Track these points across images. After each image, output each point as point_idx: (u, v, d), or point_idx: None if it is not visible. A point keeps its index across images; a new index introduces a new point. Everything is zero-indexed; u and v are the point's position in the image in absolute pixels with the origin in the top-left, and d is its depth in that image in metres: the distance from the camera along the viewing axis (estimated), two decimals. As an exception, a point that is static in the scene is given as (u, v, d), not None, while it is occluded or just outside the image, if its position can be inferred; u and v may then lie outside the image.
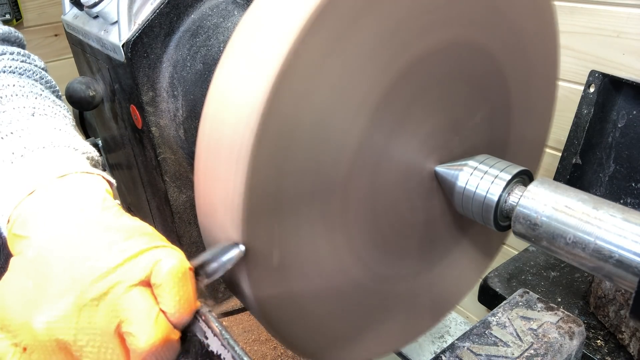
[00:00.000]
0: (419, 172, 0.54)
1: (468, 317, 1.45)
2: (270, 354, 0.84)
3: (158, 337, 0.34)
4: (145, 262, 0.35)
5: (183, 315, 0.36)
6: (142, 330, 0.34)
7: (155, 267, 0.35)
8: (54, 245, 0.35)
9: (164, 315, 0.35)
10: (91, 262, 0.34)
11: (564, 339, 0.54)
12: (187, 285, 0.36)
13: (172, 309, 0.35)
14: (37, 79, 0.58)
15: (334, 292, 0.52)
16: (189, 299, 0.36)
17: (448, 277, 0.66)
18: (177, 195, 0.77)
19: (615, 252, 0.42)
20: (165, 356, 0.36)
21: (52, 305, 0.33)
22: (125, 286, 0.34)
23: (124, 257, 0.35)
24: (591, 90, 0.92)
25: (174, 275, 0.35)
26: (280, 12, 0.40)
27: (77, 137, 0.48)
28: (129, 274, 0.34)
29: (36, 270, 0.35)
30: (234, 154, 0.40)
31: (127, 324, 0.34)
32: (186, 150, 0.73)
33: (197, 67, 0.66)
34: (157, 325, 0.34)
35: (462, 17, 0.49)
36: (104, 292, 0.34)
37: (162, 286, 0.35)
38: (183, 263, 0.36)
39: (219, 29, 0.67)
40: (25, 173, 0.40)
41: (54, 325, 0.33)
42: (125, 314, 0.34)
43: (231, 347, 0.36)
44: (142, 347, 0.34)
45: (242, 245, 0.41)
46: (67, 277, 0.34)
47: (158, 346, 0.34)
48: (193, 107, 0.67)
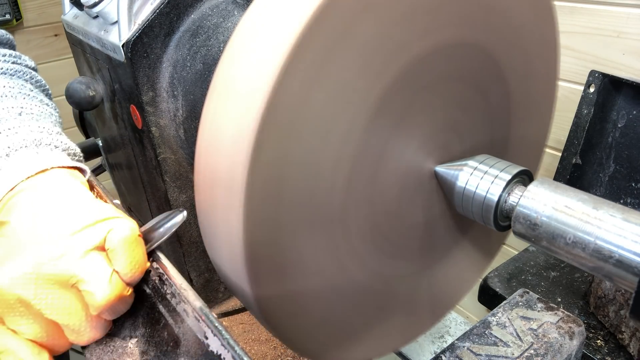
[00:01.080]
0: (419, 172, 0.54)
1: (468, 317, 1.45)
2: (270, 353, 0.84)
3: (113, 294, 0.39)
4: (100, 230, 0.40)
5: (135, 275, 0.41)
6: (98, 288, 0.38)
7: (109, 234, 0.40)
8: (24, 223, 0.41)
9: (117, 275, 0.40)
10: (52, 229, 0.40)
11: (564, 339, 0.54)
12: (138, 248, 0.41)
13: (124, 269, 0.40)
14: (27, 79, 0.62)
15: (333, 291, 0.52)
16: (140, 261, 0.41)
17: (448, 276, 0.66)
18: (177, 195, 0.77)
19: (615, 252, 0.42)
20: (119, 308, 0.42)
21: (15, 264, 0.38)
22: (82, 250, 0.39)
23: (82, 225, 0.40)
24: (591, 90, 0.92)
25: (125, 240, 0.40)
26: (275, 20, 0.40)
27: (60, 134, 0.52)
28: (85, 239, 0.39)
29: (8, 243, 0.40)
30: (232, 157, 0.40)
31: (84, 283, 0.38)
32: (186, 150, 0.73)
33: (197, 67, 0.66)
34: (111, 284, 0.39)
35: (461, 18, 0.49)
36: (62, 254, 0.38)
37: (115, 250, 0.40)
38: (133, 230, 0.41)
39: (219, 29, 0.67)
40: (10, 170, 0.45)
41: (15, 282, 0.37)
42: (82, 274, 0.38)
43: (231, 347, 0.36)
44: (99, 302, 0.38)
45: (185, 211, 0.46)
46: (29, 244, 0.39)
47: (113, 301, 0.39)
48: (193, 107, 0.67)
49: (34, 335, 0.39)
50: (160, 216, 0.46)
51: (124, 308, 0.42)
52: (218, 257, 0.47)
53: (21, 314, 0.38)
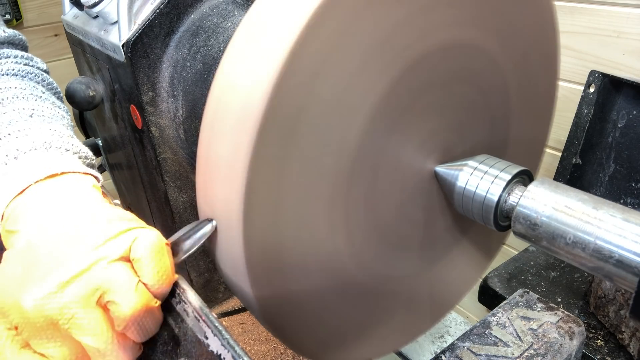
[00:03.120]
0: (419, 172, 0.54)
1: (468, 317, 1.45)
2: (270, 353, 0.84)
3: (140, 304, 0.37)
4: (124, 240, 0.38)
5: (162, 286, 0.39)
6: (124, 298, 0.36)
7: (134, 244, 0.38)
8: (41, 234, 0.38)
9: (144, 285, 0.38)
10: (73, 244, 0.37)
11: (564, 339, 0.54)
12: (165, 258, 0.39)
13: (151, 280, 0.38)
14: (39, 81, 0.61)
15: (333, 292, 0.52)
16: (167, 271, 0.39)
17: (448, 277, 0.66)
18: (177, 195, 0.77)
19: (615, 252, 0.42)
20: (148, 325, 0.38)
21: (38, 284, 0.35)
22: (107, 262, 0.37)
23: (104, 238, 0.38)
24: (591, 90, 0.92)
25: (151, 249, 0.38)
26: (275, 24, 0.40)
27: (72, 137, 0.50)
28: (109, 251, 0.37)
29: (25, 258, 0.37)
30: (233, 156, 0.40)
31: (109, 293, 0.36)
32: (186, 150, 0.73)
33: (197, 67, 0.66)
34: (137, 293, 0.37)
35: (462, 18, 0.49)
36: (86, 269, 0.36)
37: (140, 260, 0.38)
38: (160, 239, 0.39)
39: (219, 29, 0.67)
40: (18, 174, 0.43)
41: (40, 302, 0.35)
42: (107, 286, 0.36)
43: (231, 347, 0.36)
44: (125, 313, 0.36)
45: (214, 220, 0.44)
46: (51, 260, 0.37)
47: (140, 312, 0.37)
48: (193, 107, 0.67)
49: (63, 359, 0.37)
50: (188, 226, 0.44)
51: (153, 326, 0.39)
52: (219, 257, 0.47)
53: (48, 337, 0.36)
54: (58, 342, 0.36)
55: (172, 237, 0.43)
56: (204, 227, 0.44)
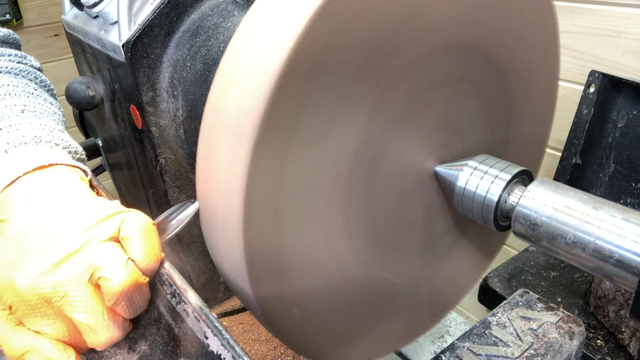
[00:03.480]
0: (419, 172, 0.54)
1: (468, 317, 1.45)
2: (270, 353, 0.84)
3: (130, 279, 0.38)
4: (113, 221, 0.40)
5: (151, 263, 0.40)
6: (114, 273, 0.38)
7: (123, 224, 0.40)
8: (31, 220, 0.40)
9: (133, 262, 0.39)
10: (64, 227, 0.39)
11: (564, 339, 0.54)
12: (153, 237, 0.41)
13: (140, 256, 0.40)
14: (32, 78, 0.62)
15: (333, 291, 0.52)
16: (155, 248, 0.41)
17: (448, 277, 0.66)
18: (177, 195, 0.77)
19: (615, 252, 0.42)
20: (137, 301, 0.40)
21: (32, 264, 0.37)
22: (97, 242, 0.39)
23: (94, 220, 0.40)
24: (591, 90, 0.92)
25: (139, 228, 0.40)
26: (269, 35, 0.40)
27: (62, 132, 0.52)
28: (99, 232, 0.39)
29: (17, 242, 0.39)
30: (233, 157, 0.40)
31: (100, 270, 0.38)
32: (186, 150, 0.73)
33: (197, 67, 0.66)
34: (127, 269, 0.38)
35: (462, 18, 0.49)
36: (78, 249, 0.38)
37: (130, 238, 0.40)
38: (147, 219, 0.41)
39: (219, 29, 0.67)
40: (7, 166, 0.44)
41: (34, 281, 0.37)
42: (98, 263, 0.38)
43: (231, 347, 0.36)
44: (115, 288, 0.38)
45: (197, 202, 0.46)
46: (43, 242, 0.38)
47: (130, 287, 0.38)
48: (193, 107, 0.67)
49: (56, 335, 0.38)
50: (172, 208, 0.47)
51: (142, 302, 0.41)
52: (219, 257, 0.47)
53: (42, 314, 0.38)
54: (51, 319, 0.38)
55: (158, 218, 0.45)
56: (188, 208, 0.46)
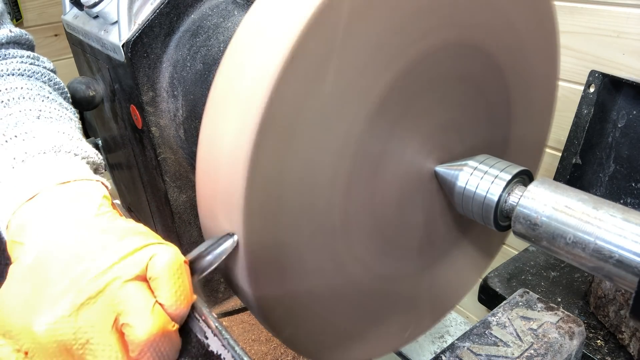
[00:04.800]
0: (419, 172, 0.54)
1: (468, 317, 1.45)
2: (270, 353, 0.84)
3: (156, 327, 0.34)
4: (140, 258, 0.36)
5: (180, 308, 0.36)
6: (139, 321, 0.34)
7: (151, 262, 0.36)
8: (50, 250, 0.36)
9: (160, 307, 0.35)
10: (87, 263, 0.35)
11: (564, 339, 0.54)
12: (183, 277, 0.36)
13: (169, 300, 0.35)
14: (46, 80, 0.59)
15: (334, 291, 0.52)
16: (186, 291, 0.36)
17: (448, 277, 0.66)
18: (177, 195, 0.77)
19: (615, 252, 0.42)
20: (166, 351, 0.36)
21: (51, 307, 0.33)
22: (122, 282, 0.34)
23: (119, 255, 0.35)
24: (591, 90, 0.92)
25: (169, 268, 0.36)
26: (271, 30, 0.40)
27: (80, 140, 0.48)
28: (124, 270, 0.35)
29: (34, 275, 0.35)
30: (233, 157, 0.40)
31: (124, 316, 0.34)
32: (186, 150, 0.73)
33: (197, 67, 0.66)
34: (154, 315, 0.34)
35: (462, 18, 0.49)
36: (101, 290, 0.34)
37: (158, 279, 0.35)
38: (178, 256, 0.37)
39: (219, 29, 0.67)
40: (25, 179, 0.41)
41: (53, 327, 0.33)
42: (122, 307, 0.34)
43: (231, 347, 0.36)
44: (140, 337, 0.34)
45: (235, 235, 0.41)
46: (63, 279, 0.34)
47: (156, 336, 0.34)
48: (193, 107, 0.67)
49: None
50: (206, 242, 0.42)
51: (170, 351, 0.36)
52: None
53: None
54: None
55: (191, 254, 0.41)
56: (225, 243, 0.41)
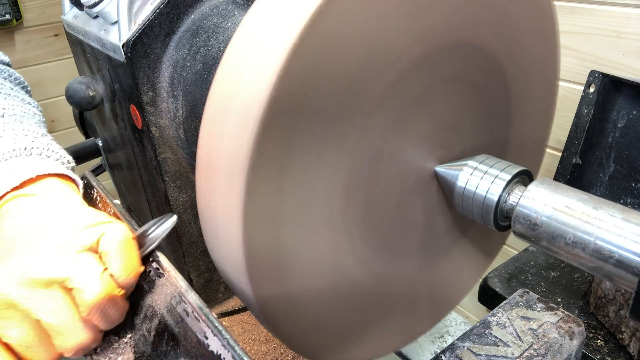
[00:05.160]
0: (419, 172, 0.54)
1: (468, 317, 1.45)
2: (270, 353, 0.84)
3: (104, 292, 0.38)
4: (92, 233, 0.40)
5: (129, 277, 0.40)
6: (87, 284, 0.38)
7: (102, 238, 0.40)
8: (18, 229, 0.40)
9: (108, 274, 0.39)
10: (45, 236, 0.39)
11: (564, 339, 0.54)
12: (131, 251, 0.41)
13: (119, 271, 0.40)
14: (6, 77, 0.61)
15: (334, 291, 0.52)
16: (134, 263, 0.41)
17: (448, 277, 0.66)
18: (177, 195, 0.77)
19: (615, 252, 0.42)
20: (112, 313, 0.40)
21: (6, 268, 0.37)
22: (74, 252, 0.39)
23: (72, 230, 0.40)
24: (591, 90, 0.92)
25: (118, 243, 0.40)
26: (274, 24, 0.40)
27: (46, 136, 0.52)
28: (76, 241, 0.39)
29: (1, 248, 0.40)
30: (233, 157, 0.40)
31: (73, 280, 0.38)
32: (186, 151, 0.73)
33: (197, 67, 0.66)
34: (102, 281, 0.38)
35: (462, 18, 0.49)
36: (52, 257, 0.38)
37: (108, 253, 0.39)
38: (127, 233, 0.41)
39: (219, 29, 0.67)
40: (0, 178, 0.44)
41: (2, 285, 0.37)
42: (72, 273, 0.38)
43: (231, 347, 0.36)
44: (88, 300, 0.37)
45: (175, 215, 0.47)
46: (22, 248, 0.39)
47: (104, 300, 0.38)
48: (193, 107, 0.67)
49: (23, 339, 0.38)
50: (151, 222, 0.47)
51: (117, 315, 0.41)
52: (219, 257, 0.47)
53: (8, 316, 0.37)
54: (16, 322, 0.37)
55: (138, 231, 0.46)
56: (167, 222, 0.46)
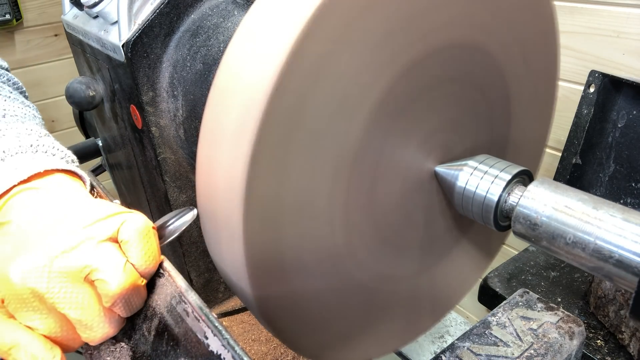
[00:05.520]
0: (419, 172, 0.54)
1: (468, 317, 1.45)
2: (270, 353, 0.84)
3: (128, 282, 0.38)
4: (112, 222, 0.40)
5: (149, 266, 0.41)
6: (112, 276, 0.38)
7: (122, 227, 0.40)
8: (31, 219, 0.40)
9: (131, 265, 0.39)
10: (63, 225, 0.39)
11: (564, 339, 0.54)
12: (152, 240, 0.41)
13: (139, 260, 0.40)
14: (5, 81, 0.61)
15: (334, 291, 0.52)
16: (154, 252, 0.41)
17: (448, 276, 0.66)
18: (177, 195, 0.77)
19: (615, 252, 0.42)
20: (134, 301, 0.40)
21: (26, 257, 0.37)
22: (96, 241, 0.38)
23: (93, 219, 0.39)
24: (591, 90, 0.92)
25: (139, 232, 0.40)
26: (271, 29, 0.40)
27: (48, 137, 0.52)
28: (98, 231, 0.39)
29: (15, 238, 0.39)
30: (233, 157, 0.40)
31: (98, 272, 0.37)
32: (186, 151, 0.73)
33: (197, 67, 0.66)
34: (125, 272, 0.38)
35: (462, 18, 0.49)
36: (75, 246, 0.38)
37: (129, 242, 0.39)
38: (147, 222, 0.41)
39: (219, 29, 0.67)
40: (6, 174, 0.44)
41: (27, 275, 0.36)
42: (96, 264, 0.37)
43: (231, 347, 0.36)
44: (113, 291, 0.38)
45: (195, 209, 0.46)
46: (40, 237, 0.38)
47: (128, 289, 0.39)
48: (193, 107, 0.67)
49: (47, 331, 0.38)
50: (171, 214, 0.47)
51: (139, 302, 0.41)
52: (219, 257, 0.47)
53: (34, 308, 0.37)
54: (44, 314, 0.38)
55: (158, 222, 0.46)
56: (187, 215, 0.47)
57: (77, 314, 0.38)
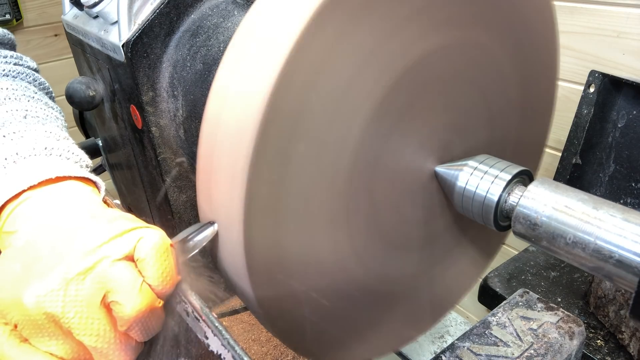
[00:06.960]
0: (419, 172, 0.54)
1: (468, 317, 1.45)
2: (270, 353, 0.84)
3: (143, 304, 0.36)
4: (128, 239, 0.37)
5: (166, 287, 0.38)
6: (128, 299, 0.36)
7: (139, 244, 0.37)
8: (41, 232, 0.38)
9: (148, 286, 0.37)
10: (77, 242, 0.36)
11: (564, 339, 0.54)
12: (169, 258, 0.39)
13: (155, 280, 0.37)
14: (31, 81, 0.60)
15: (334, 292, 0.52)
16: (171, 272, 0.39)
17: (448, 276, 0.66)
18: (177, 195, 0.77)
19: (615, 252, 0.42)
20: (151, 324, 0.38)
21: (40, 280, 0.35)
22: (111, 260, 0.36)
23: (108, 236, 0.37)
24: (591, 90, 0.92)
25: (156, 250, 0.38)
26: (272, 27, 0.40)
27: (67, 140, 0.50)
28: (113, 249, 0.37)
29: (24, 255, 0.37)
30: (233, 157, 0.40)
31: (113, 293, 0.36)
32: (186, 150, 0.73)
33: (197, 67, 0.66)
34: (141, 294, 0.36)
35: (462, 18, 0.49)
36: (90, 267, 0.35)
37: (145, 260, 0.37)
38: (164, 239, 0.39)
39: (219, 29, 0.67)
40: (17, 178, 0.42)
41: (42, 299, 0.34)
42: (111, 285, 0.36)
43: (231, 347, 0.36)
44: (128, 314, 0.36)
45: (216, 224, 0.44)
46: (54, 257, 0.36)
47: (144, 313, 0.36)
48: (193, 107, 0.67)
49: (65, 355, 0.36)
50: (190, 228, 0.45)
51: (156, 325, 0.39)
52: (219, 258, 0.47)
53: (50, 334, 0.35)
54: (60, 340, 0.36)
55: (175, 238, 0.43)
56: (206, 230, 0.44)
57: (92, 340, 0.36)
